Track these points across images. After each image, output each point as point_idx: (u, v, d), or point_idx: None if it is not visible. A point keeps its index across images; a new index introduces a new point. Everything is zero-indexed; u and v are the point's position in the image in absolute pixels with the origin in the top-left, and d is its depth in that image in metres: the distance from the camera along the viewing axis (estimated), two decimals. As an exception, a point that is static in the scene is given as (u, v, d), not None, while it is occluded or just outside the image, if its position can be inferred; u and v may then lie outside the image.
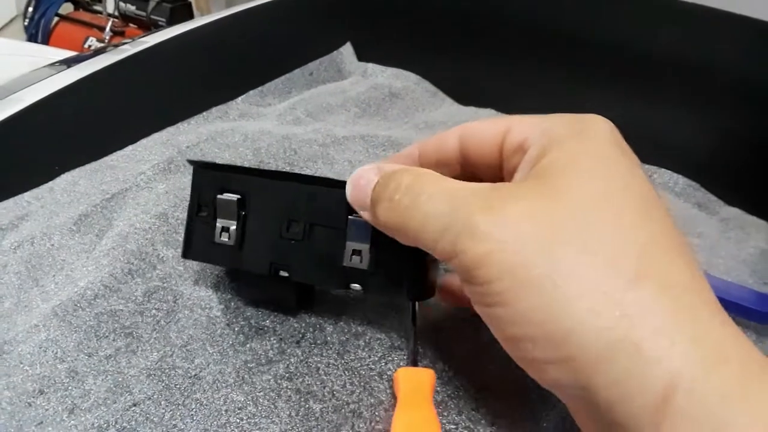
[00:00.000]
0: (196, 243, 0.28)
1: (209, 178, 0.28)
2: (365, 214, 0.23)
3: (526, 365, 0.19)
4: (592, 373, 0.17)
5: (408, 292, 0.25)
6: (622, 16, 0.57)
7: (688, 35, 0.53)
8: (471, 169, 0.25)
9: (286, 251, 0.27)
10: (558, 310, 0.17)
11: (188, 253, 0.29)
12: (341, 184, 0.25)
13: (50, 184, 0.39)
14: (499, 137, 0.23)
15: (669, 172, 0.42)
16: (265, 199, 0.27)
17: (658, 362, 0.16)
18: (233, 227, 0.27)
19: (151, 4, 1.84)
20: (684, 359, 0.16)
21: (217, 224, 0.27)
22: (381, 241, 0.24)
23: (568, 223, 0.18)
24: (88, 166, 0.41)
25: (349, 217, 0.25)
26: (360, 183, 0.23)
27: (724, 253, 0.36)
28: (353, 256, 0.25)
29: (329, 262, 0.26)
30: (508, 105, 0.50)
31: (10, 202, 0.38)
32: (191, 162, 0.28)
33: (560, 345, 0.17)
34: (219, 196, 0.27)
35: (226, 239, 0.27)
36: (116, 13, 1.88)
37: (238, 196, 0.27)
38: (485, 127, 0.24)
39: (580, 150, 0.20)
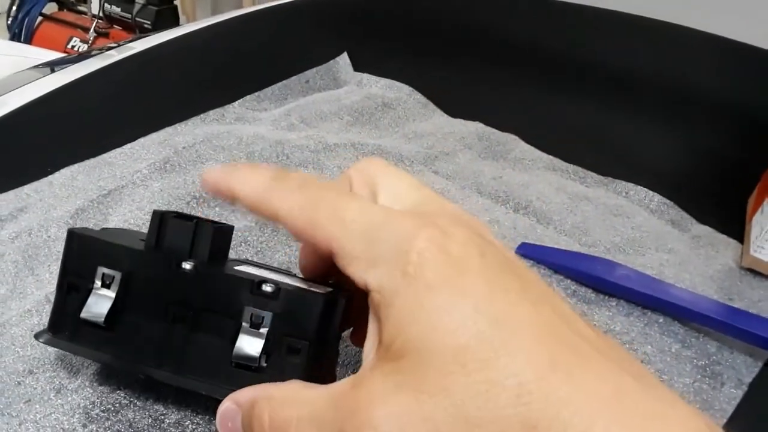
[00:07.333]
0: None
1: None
2: None
3: None
4: None
5: None
6: (604, 35, 0.59)
7: (666, 55, 0.55)
8: None
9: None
10: None
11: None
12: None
13: (50, 178, 0.41)
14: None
15: (645, 189, 0.43)
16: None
17: None
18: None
19: (137, 7, 1.83)
20: None
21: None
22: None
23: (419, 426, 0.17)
24: (86, 162, 0.43)
25: None
26: (228, 425, 0.21)
27: (692, 269, 0.37)
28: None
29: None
30: (495, 118, 0.51)
31: (10, 194, 0.40)
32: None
33: None
34: None
35: None
36: (101, 15, 1.87)
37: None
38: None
39: (413, 313, 0.18)
